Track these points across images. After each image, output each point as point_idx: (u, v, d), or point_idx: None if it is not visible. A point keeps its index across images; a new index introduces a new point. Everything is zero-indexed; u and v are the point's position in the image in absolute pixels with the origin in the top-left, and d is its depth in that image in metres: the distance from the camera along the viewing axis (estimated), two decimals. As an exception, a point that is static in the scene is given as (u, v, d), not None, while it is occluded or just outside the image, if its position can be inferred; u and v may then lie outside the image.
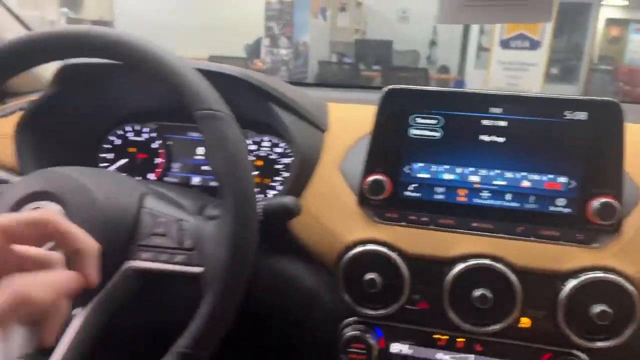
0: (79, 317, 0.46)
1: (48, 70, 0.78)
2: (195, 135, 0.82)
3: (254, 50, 6.19)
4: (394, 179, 0.58)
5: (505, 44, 4.51)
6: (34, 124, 0.70)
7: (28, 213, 0.35)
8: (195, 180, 0.82)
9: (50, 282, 0.32)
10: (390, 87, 0.56)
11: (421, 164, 0.57)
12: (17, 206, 0.47)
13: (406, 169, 0.58)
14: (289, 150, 0.77)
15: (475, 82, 5.22)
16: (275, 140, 0.77)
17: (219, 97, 0.49)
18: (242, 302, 0.47)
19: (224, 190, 0.46)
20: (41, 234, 0.33)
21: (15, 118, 0.75)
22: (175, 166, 0.82)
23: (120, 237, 0.48)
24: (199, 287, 0.47)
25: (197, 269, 0.46)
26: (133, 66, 0.49)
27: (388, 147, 0.58)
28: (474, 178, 0.57)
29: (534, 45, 4.43)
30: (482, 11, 0.43)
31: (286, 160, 0.77)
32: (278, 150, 0.77)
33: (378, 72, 5.20)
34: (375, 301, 0.59)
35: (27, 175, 0.50)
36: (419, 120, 0.56)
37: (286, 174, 0.77)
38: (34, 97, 0.83)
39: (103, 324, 0.48)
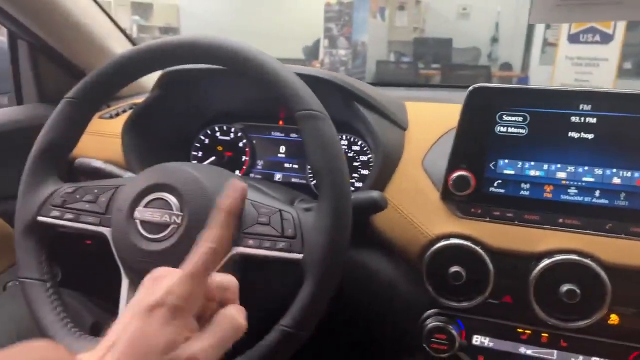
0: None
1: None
2: (278, 134, 0.87)
3: (311, 51, 6.29)
4: (479, 175, 0.59)
5: (573, 38, 4.29)
6: (138, 125, 0.78)
7: (222, 276, 0.40)
8: (277, 176, 0.87)
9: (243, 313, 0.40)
10: (477, 85, 0.58)
11: (506, 161, 0.59)
12: (140, 196, 0.53)
13: (491, 166, 0.59)
14: (366, 148, 0.80)
15: (540, 78, 5.00)
16: (352, 139, 0.80)
17: (317, 99, 0.53)
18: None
19: (322, 183, 0.50)
20: (221, 295, 0.40)
21: (121, 119, 0.83)
22: (259, 163, 0.88)
23: None
24: (297, 272, 0.52)
25: (297, 256, 0.50)
26: (240, 71, 0.54)
27: (473, 144, 0.59)
28: (561, 174, 0.57)
29: (606, 38, 4.18)
30: (576, 10, 0.44)
31: (363, 158, 0.80)
32: (355, 148, 0.81)
33: (437, 70, 5.13)
34: (458, 293, 0.61)
35: (146, 170, 0.57)
36: (505, 117, 0.58)
37: (363, 171, 0.80)
38: (135, 100, 0.91)
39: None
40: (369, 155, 0.80)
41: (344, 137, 0.80)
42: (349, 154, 0.80)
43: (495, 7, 6.19)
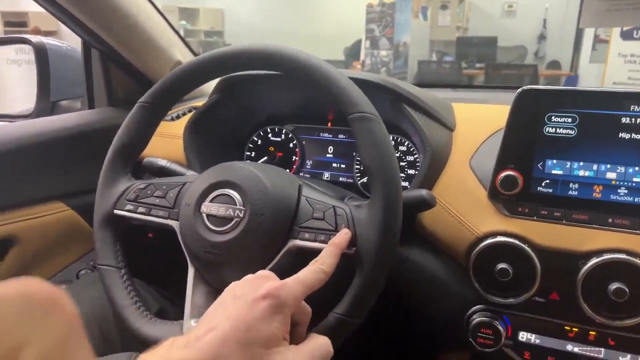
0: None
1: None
2: (326, 135, 0.90)
3: (351, 52, 6.32)
4: (527, 175, 0.61)
5: (627, 35, 4.10)
6: (199, 127, 0.84)
7: (304, 303, 0.47)
8: (326, 175, 0.91)
9: None
10: (525, 87, 0.59)
11: (555, 161, 0.60)
12: (206, 192, 0.58)
13: (539, 166, 0.60)
14: (412, 148, 0.82)
15: (590, 77, 4.82)
16: (399, 139, 0.83)
17: (369, 102, 0.56)
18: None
19: (374, 180, 0.53)
20: (299, 317, 0.47)
21: (181, 122, 0.90)
22: (308, 163, 0.92)
23: (285, 219, 0.56)
24: (347, 264, 0.55)
25: (350, 249, 0.54)
26: (298, 77, 0.58)
27: (521, 144, 0.61)
28: (611, 175, 0.58)
29: (662, 34, 3.98)
30: (628, 13, 0.45)
31: (410, 158, 0.83)
32: (402, 148, 0.83)
33: (481, 70, 5.04)
34: (504, 290, 0.62)
35: (211, 168, 0.61)
36: (554, 118, 0.59)
37: (410, 171, 0.83)
38: (193, 103, 0.97)
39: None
40: (416, 156, 0.82)
41: (391, 137, 0.83)
42: (396, 154, 0.83)
43: (543, 3, 6.01)
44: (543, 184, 0.61)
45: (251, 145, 0.94)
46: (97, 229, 0.64)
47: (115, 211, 0.63)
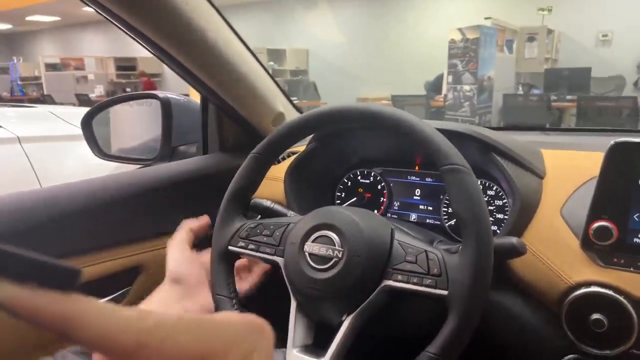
0: (347, 321, 0.62)
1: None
2: (414, 178, 0.95)
3: (432, 87, 6.32)
4: (622, 226, 0.61)
5: None
6: (298, 171, 0.93)
7: None
8: (413, 217, 0.95)
9: None
10: (618, 140, 0.61)
11: (652, 212, 0.60)
12: (309, 233, 0.65)
13: (635, 217, 0.60)
14: (501, 193, 0.84)
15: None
16: (487, 184, 0.86)
17: (459, 154, 0.61)
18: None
19: (466, 228, 0.57)
20: None
21: (282, 166, 0.99)
22: (396, 204, 0.97)
23: (379, 260, 0.62)
24: (439, 306, 0.58)
25: (443, 292, 0.57)
26: (393, 132, 0.64)
27: (615, 196, 0.61)
28: None
29: None
30: None
31: (498, 202, 0.85)
32: (490, 192, 0.86)
33: (573, 102, 4.78)
34: (599, 340, 0.62)
35: (313, 212, 0.69)
36: (650, 170, 0.59)
37: (498, 215, 0.84)
38: (293, 148, 1.07)
39: (360, 329, 0.63)
40: (504, 200, 0.84)
41: (479, 182, 0.86)
42: (485, 199, 0.85)
43: (642, 30, 5.64)
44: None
45: (342, 187, 1.01)
46: (214, 262, 0.73)
47: (230, 247, 0.72)
